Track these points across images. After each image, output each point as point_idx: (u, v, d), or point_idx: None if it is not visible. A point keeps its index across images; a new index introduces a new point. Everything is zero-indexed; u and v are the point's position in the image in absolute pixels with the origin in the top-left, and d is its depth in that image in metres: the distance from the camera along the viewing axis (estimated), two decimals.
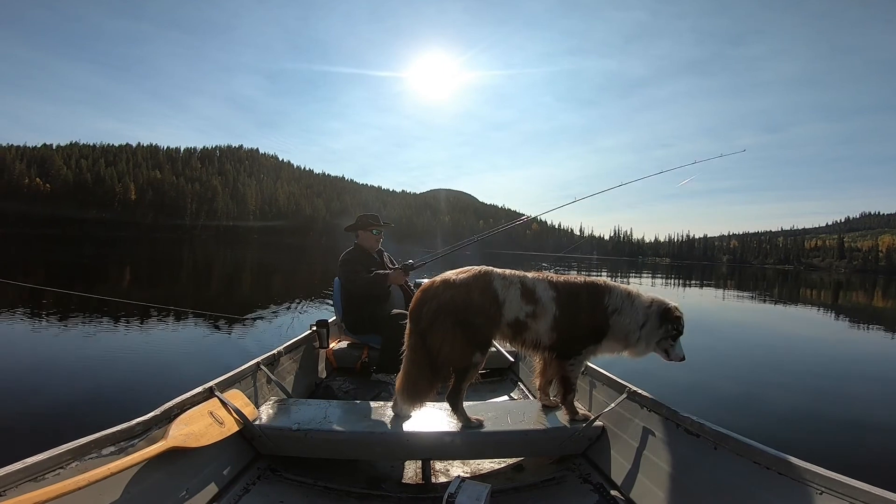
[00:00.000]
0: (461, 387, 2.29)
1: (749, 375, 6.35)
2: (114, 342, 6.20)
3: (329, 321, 3.64)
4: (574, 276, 2.45)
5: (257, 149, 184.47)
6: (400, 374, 2.33)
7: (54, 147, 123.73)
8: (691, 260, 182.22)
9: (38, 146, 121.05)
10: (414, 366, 2.28)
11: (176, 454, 1.76)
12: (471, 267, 2.36)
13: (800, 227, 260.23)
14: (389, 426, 2.24)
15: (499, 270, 2.34)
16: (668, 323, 2.31)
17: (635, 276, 34.20)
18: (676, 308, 2.35)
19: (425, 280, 2.60)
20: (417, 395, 2.28)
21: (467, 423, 2.27)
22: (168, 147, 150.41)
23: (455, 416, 2.30)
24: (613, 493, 2.05)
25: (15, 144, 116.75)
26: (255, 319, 8.23)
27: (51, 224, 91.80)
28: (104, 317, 7.62)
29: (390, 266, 3.82)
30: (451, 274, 2.30)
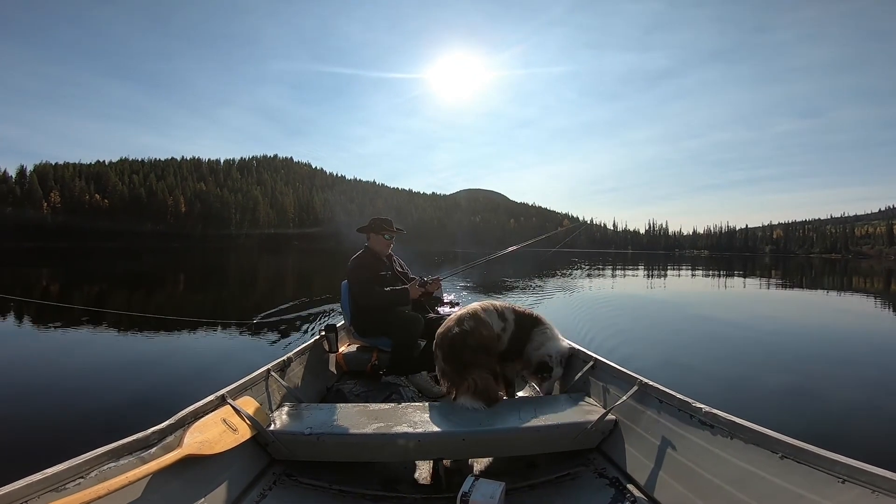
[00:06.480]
0: None
1: (795, 368, 5.98)
2: (125, 352, 6.25)
3: (337, 325, 3.69)
4: None
5: (291, 157, 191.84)
6: None
7: (107, 163, 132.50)
8: (731, 251, 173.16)
9: (92, 163, 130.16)
10: None
11: (191, 462, 1.79)
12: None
13: (850, 214, 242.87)
14: (401, 427, 2.24)
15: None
16: None
17: (673, 270, 32.86)
18: None
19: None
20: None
21: None
22: (209, 159, 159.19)
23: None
24: (630, 486, 2.02)
25: (71, 162, 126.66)
26: (270, 325, 8.09)
27: (112, 237, 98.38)
28: (118, 328, 7.60)
29: (399, 270, 3.84)
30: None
